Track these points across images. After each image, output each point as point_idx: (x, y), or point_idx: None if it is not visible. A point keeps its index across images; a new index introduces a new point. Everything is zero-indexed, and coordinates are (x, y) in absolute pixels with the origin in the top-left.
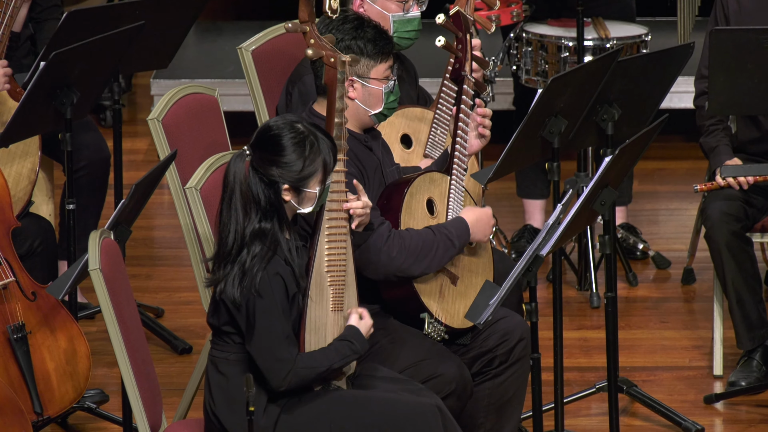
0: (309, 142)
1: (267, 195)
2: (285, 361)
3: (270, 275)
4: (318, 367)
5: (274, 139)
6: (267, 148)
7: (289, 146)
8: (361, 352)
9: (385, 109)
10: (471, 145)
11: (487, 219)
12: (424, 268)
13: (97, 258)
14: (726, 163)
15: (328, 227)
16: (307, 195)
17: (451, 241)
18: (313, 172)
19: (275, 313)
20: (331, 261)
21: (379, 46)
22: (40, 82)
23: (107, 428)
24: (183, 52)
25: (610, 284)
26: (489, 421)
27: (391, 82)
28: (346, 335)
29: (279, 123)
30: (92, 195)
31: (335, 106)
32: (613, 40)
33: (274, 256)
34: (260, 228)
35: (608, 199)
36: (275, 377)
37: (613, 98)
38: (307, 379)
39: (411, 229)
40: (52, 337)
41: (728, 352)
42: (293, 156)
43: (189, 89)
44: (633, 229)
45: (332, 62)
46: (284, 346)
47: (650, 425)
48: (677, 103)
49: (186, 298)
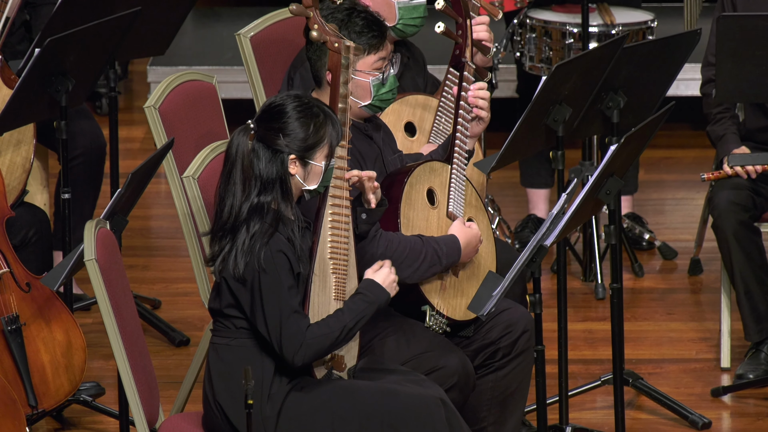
0: (314, 112)
1: (272, 168)
2: (295, 335)
3: (273, 252)
4: (331, 333)
5: (278, 108)
6: (272, 119)
7: (293, 114)
8: (378, 302)
9: (376, 100)
10: (470, 128)
11: (475, 242)
12: (406, 276)
13: (92, 248)
14: (734, 152)
15: (331, 213)
16: (314, 169)
17: (438, 257)
18: (319, 142)
19: (281, 288)
20: (334, 248)
21: (365, 38)
22: (34, 69)
23: (103, 422)
24: (180, 39)
25: (615, 275)
26: (492, 415)
27: (379, 74)
28: (359, 288)
29: (282, 96)
30: (88, 184)
31: (339, 92)
32: (619, 26)
33: (275, 233)
34: (259, 202)
35: (614, 188)
36: (288, 352)
37: (619, 86)
38: (323, 348)
39: (401, 234)
40: (47, 328)
41: (736, 344)
42: (297, 123)
43: (186, 76)
44: (639, 218)
45: (336, 47)
46: (293, 320)
47: (656, 418)
48: (684, 90)
49: (183, 289)
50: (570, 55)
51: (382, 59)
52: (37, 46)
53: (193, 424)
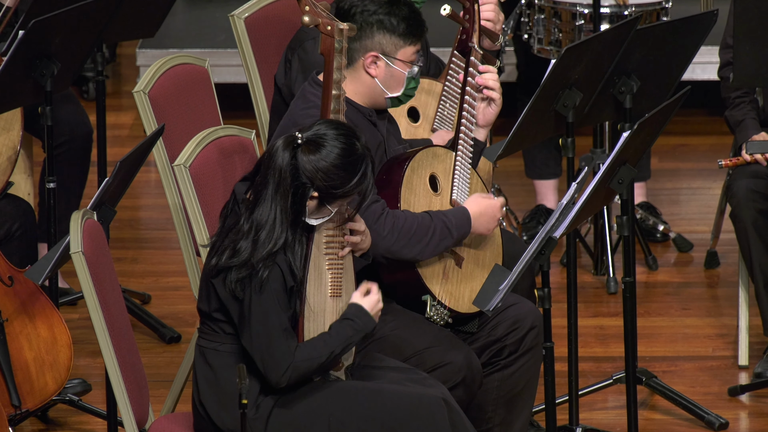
0: (359, 167)
1: (294, 191)
2: (283, 356)
3: (269, 267)
4: (318, 357)
5: (327, 142)
6: (318, 148)
7: (338, 158)
8: (365, 330)
9: (403, 94)
10: (483, 114)
11: (492, 212)
12: (416, 254)
13: (79, 240)
14: (753, 138)
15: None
16: (324, 210)
17: (448, 230)
18: (348, 194)
19: (272, 305)
20: (330, 244)
21: (411, 27)
22: (18, 52)
23: (90, 422)
24: (171, 20)
25: (628, 268)
26: (498, 415)
27: (415, 67)
28: (346, 314)
29: (340, 132)
30: (74, 173)
31: (332, 77)
32: (632, 7)
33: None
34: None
35: (626, 177)
36: (273, 374)
37: (632, 69)
38: (309, 371)
39: (407, 211)
40: (31, 324)
41: (754, 341)
42: (337, 170)
43: (177, 59)
44: (653, 209)
45: (329, 30)
46: (281, 339)
47: (671, 419)
48: (700, 74)
49: (174, 283)
50: (581, 38)
51: (418, 52)
52: (22, 27)
53: (184, 425)
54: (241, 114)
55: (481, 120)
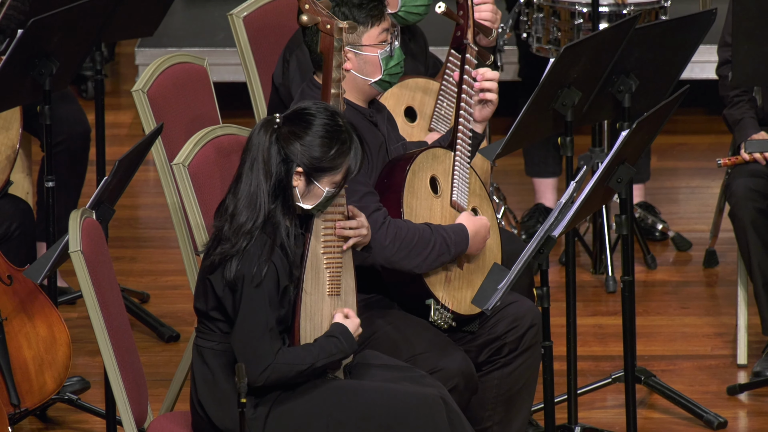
0: (341, 137)
1: (279, 171)
2: (264, 356)
3: (265, 263)
4: (299, 365)
5: (308, 117)
6: (297, 123)
7: (319, 130)
8: (348, 353)
9: (386, 75)
10: (479, 113)
11: (484, 232)
12: (414, 266)
13: (78, 239)
14: (752, 137)
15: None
16: (315, 190)
17: (447, 246)
18: (332, 168)
19: (262, 303)
20: (327, 242)
21: (366, 10)
22: (16, 50)
23: (89, 421)
24: (170, 19)
25: (626, 267)
26: (497, 414)
27: (388, 46)
28: (334, 331)
29: (320, 107)
30: (72, 172)
31: (332, 76)
32: (630, 5)
33: (274, 246)
34: (269, 210)
35: (625, 176)
36: (251, 371)
37: (630, 68)
38: (287, 377)
39: (409, 222)
40: (30, 323)
41: (753, 340)
42: (319, 141)
43: (176, 58)
44: (651, 208)
45: (328, 29)
46: (266, 339)
47: (670, 418)
48: (699, 73)
49: (173, 282)
50: (579, 36)
51: (386, 30)
52: (20, 26)
53: (183, 425)
54: (240, 113)
55: (477, 117)
